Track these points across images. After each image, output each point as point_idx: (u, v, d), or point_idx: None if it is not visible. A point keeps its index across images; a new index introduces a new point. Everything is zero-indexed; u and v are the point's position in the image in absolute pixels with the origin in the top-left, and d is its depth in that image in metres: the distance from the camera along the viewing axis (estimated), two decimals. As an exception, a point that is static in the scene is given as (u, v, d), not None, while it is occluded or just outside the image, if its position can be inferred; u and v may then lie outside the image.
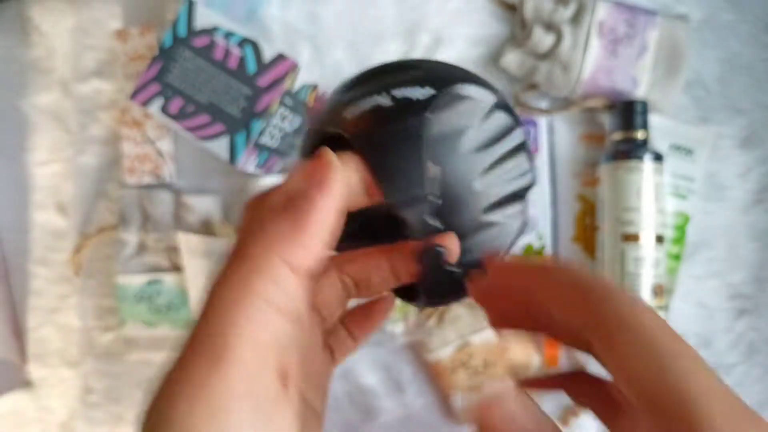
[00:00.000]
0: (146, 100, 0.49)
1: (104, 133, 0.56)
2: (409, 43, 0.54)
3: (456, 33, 0.54)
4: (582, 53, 0.49)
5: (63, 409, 0.58)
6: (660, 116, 0.51)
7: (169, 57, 0.48)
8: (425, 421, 0.52)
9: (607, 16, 0.49)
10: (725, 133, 0.53)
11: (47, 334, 0.58)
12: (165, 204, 0.53)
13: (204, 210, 0.53)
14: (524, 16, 0.51)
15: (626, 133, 0.49)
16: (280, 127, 0.50)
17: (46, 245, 0.58)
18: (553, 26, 0.50)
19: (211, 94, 0.48)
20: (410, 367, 0.53)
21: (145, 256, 0.54)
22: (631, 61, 0.49)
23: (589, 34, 0.49)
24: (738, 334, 0.52)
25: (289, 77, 0.47)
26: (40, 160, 0.58)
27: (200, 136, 0.48)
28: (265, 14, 0.55)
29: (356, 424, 0.53)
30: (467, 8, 0.54)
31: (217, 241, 0.51)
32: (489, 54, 0.54)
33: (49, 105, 0.58)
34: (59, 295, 0.58)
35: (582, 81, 0.50)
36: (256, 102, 0.47)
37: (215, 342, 0.18)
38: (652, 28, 0.49)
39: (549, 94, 0.52)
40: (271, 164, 0.53)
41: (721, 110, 0.53)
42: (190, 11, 0.48)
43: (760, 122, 0.53)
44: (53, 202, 0.58)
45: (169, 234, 0.53)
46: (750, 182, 0.53)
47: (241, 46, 0.48)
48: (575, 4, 0.50)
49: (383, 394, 0.53)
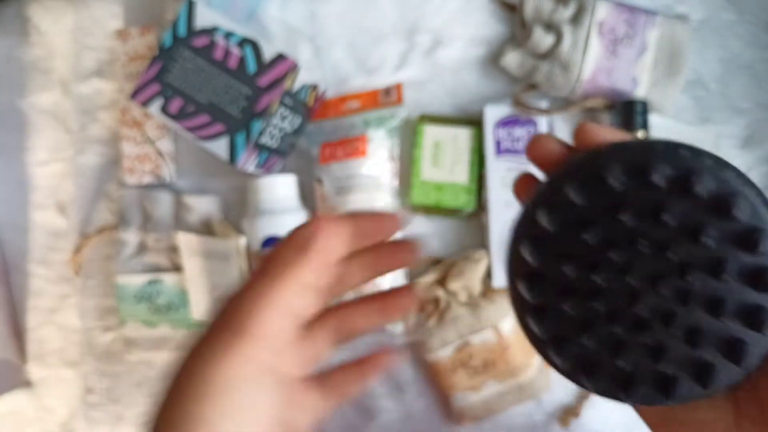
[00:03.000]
0: (146, 100, 0.49)
1: (104, 133, 0.56)
2: (409, 43, 0.54)
3: (456, 33, 0.54)
4: (582, 53, 0.49)
5: (63, 409, 0.58)
6: (660, 116, 0.51)
7: (169, 57, 0.48)
8: (425, 421, 0.52)
9: (607, 16, 0.49)
10: (725, 133, 0.53)
11: (47, 334, 0.58)
12: (165, 204, 0.53)
13: (204, 210, 0.53)
14: (524, 16, 0.51)
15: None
16: (280, 127, 0.50)
17: (46, 245, 0.58)
18: (553, 26, 0.50)
19: (211, 94, 0.48)
20: (410, 367, 0.53)
21: (145, 256, 0.54)
22: (631, 61, 0.49)
23: (589, 34, 0.49)
24: (738, 334, 0.52)
25: (289, 77, 0.47)
26: (40, 160, 0.58)
27: (200, 136, 0.48)
28: (265, 14, 0.55)
29: (356, 424, 0.53)
30: (467, 8, 0.54)
31: (217, 241, 0.51)
32: (489, 54, 0.54)
33: (49, 105, 0.58)
34: (59, 295, 0.58)
35: (582, 81, 0.50)
36: (256, 102, 0.47)
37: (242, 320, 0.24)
38: (652, 28, 0.49)
39: (549, 94, 0.52)
40: (271, 164, 0.53)
41: (721, 110, 0.53)
42: (190, 11, 0.48)
43: (760, 122, 0.53)
44: (53, 202, 0.58)
45: (169, 234, 0.53)
46: (750, 182, 0.53)
47: (241, 46, 0.48)
48: (575, 4, 0.50)
49: (383, 394, 0.53)
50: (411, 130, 0.54)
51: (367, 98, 0.53)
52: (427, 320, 0.51)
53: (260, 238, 0.50)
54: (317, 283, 0.25)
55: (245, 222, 0.51)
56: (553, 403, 0.51)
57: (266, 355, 0.24)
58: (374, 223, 0.29)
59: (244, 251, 0.51)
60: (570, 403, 0.51)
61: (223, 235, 0.52)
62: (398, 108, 0.52)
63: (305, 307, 0.25)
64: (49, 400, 0.58)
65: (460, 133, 0.52)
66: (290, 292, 0.24)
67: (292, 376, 0.26)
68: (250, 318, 0.24)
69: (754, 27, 0.53)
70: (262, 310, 0.24)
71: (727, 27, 0.53)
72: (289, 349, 0.26)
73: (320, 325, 0.28)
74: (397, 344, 0.53)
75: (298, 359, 0.27)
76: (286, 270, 0.25)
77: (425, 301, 0.52)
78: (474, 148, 0.52)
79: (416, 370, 0.53)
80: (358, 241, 0.28)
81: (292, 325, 0.25)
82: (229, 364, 0.23)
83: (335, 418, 0.53)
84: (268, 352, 0.24)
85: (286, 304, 0.24)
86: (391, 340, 0.52)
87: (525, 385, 0.50)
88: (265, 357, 0.24)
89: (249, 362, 0.23)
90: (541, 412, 0.51)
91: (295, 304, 0.25)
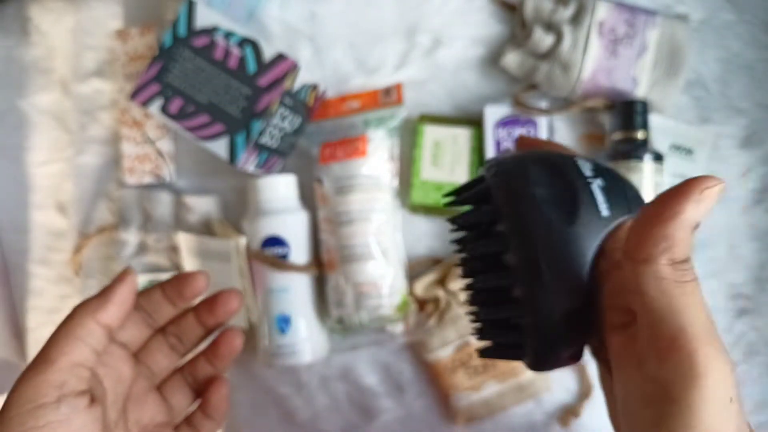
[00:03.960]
0: (146, 100, 0.49)
1: (104, 133, 0.56)
2: (409, 43, 0.54)
3: (456, 33, 0.54)
4: (582, 53, 0.49)
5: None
6: (660, 116, 0.51)
7: (169, 57, 0.48)
8: (425, 421, 0.52)
9: (607, 16, 0.49)
10: (725, 133, 0.53)
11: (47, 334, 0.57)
12: (165, 204, 0.53)
13: (204, 210, 0.53)
14: (524, 16, 0.51)
15: (626, 133, 0.49)
16: (280, 127, 0.50)
17: (46, 245, 0.58)
18: (553, 26, 0.50)
19: (211, 94, 0.48)
20: (410, 367, 0.53)
21: (145, 256, 0.54)
22: (631, 61, 0.49)
23: (589, 34, 0.49)
24: (738, 335, 0.52)
25: (289, 77, 0.47)
26: (40, 160, 0.58)
27: (200, 136, 0.48)
28: (265, 14, 0.55)
29: (356, 424, 0.53)
30: (467, 8, 0.54)
31: (217, 241, 0.51)
32: (489, 54, 0.54)
33: (49, 105, 0.58)
34: (59, 295, 0.58)
35: (582, 81, 0.50)
36: (256, 102, 0.47)
37: (42, 355, 0.29)
38: (652, 28, 0.49)
39: (549, 94, 0.52)
40: (271, 164, 0.53)
41: (721, 110, 0.53)
42: (190, 11, 0.48)
43: (760, 122, 0.53)
44: (53, 202, 0.58)
45: (169, 234, 0.53)
46: (750, 182, 0.53)
47: (241, 46, 0.48)
48: (575, 4, 0.50)
49: (383, 394, 0.53)
50: (411, 130, 0.54)
51: (367, 98, 0.53)
52: (427, 320, 0.51)
53: (260, 238, 0.50)
54: (112, 323, 0.30)
55: (245, 222, 0.51)
56: (553, 403, 0.51)
57: (70, 378, 0.28)
58: (182, 282, 0.33)
59: (244, 251, 0.51)
60: (570, 403, 0.51)
61: (223, 235, 0.52)
62: (398, 108, 0.52)
63: (99, 341, 0.30)
64: (49, 400, 0.58)
65: (460, 133, 0.52)
66: (84, 326, 0.29)
67: (146, 422, 0.32)
68: (50, 347, 0.29)
69: (754, 27, 0.53)
70: (60, 340, 0.29)
71: (727, 27, 0.53)
72: (143, 399, 0.32)
73: (173, 379, 0.34)
74: (397, 344, 0.53)
75: (153, 408, 0.33)
76: (88, 309, 0.30)
77: (425, 301, 0.52)
78: (474, 148, 0.52)
79: (416, 370, 0.53)
80: (174, 298, 0.33)
81: (88, 355, 0.29)
82: (34, 388, 0.27)
83: (335, 418, 0.53)
84: (73, 377, 0.28)
85: (81, 335, 0.29)
86: (391, 340, 0.52)
87: (525, 385, 0.50)
88: (69, 380, 0.28)
89: (50, 386, 0.27)
90: (541, 412, 0.51)
91: (87, 337, 0.29)
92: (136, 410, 0.32)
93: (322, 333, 0.52)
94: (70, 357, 0.28)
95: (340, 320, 0.50)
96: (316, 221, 0.52)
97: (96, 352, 0.30)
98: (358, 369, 0.53)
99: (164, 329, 0.35)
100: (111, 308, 0.30)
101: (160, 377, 0.34)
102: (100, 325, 0.30)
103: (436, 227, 0.53)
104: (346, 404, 0.53)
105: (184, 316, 0.35)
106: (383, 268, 0.49)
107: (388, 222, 0.50)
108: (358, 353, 0.53)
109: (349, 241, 0.49)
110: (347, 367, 0.53)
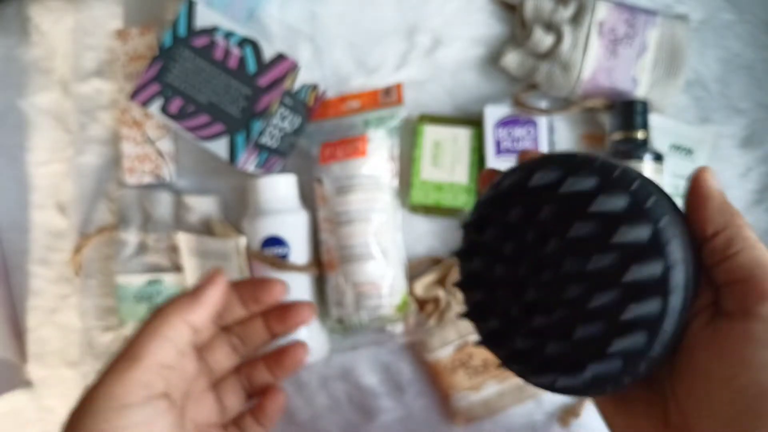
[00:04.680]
0: (146, 100, 0.49)
1: (104, 133, 0.56)
2: (409, 43, 0.54)
3: (456, 33, 0.54)
4: (582, 53, 0.49)
5: (63, 409, 0.58)
6: (660, 116, 0.51)
7: (169, 57, 0.48)
8: (425, 421, 0.52)
9: (607, 16, 0.49)
10: (725, 133, 0.53)
11: (47, 334, 0.58)
12: (165, 204, 0.53)
13: (204, 210, 0.53)
14: (524, 16, 0.51)
15: (626, 133, 0.49)
16: (280, 127, 0.50)
17: (46, 245, 0.58)
18: (553, 26, 0.50)
19: (211, 94, 0.48)
20: (410, 367, 0.53)
21: (145, 256, 0.54)
22: (631, 61, 0.49)
23: (589, 34, 0.49)
24: (738, 334, 0.52)
25: (289, 77, 0.47)
26: (40, 160, 0.58)
27: (200, 136, 0.48)
28: (265, 14, 0.55)
29: (356, 424, 0.53)
30: (467, 8, 0.54)
31: (217, 241, 0.51)
32: (489, 54, 0.54)
33: (49, 105, 0.58)
34: (59, 295, 0.58)
35: (582, 81, 0.50)
36: (256, 102, 0.47)
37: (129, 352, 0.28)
38: (652, 28, 0.49)
39: (549, 94, 0.52)
40: (271, 164, 0.53)
41: (721, 110, 0.53)
42: (190, 11, 0.48)
43: (760, 122, 0.53)
44: (53, 202, 0.58)
45: (169, 234, 0.53)
46: (750, 182, 0.53)
47: (241, 46, 0.48)
48: (575, 4, 0.50)
49: (383, 394, 0.53)
50: (411, 130, 0.54)
51: (367, 98, 0.53)
52: (427, 320, 0.51)
53: (260, 238, 0.50)
54: (200, 325, 0.30)
55: (245, 222, 0.51)
56: (553, 403, 0.51)
57: (156, 379, 0.28)
58: (261, 286, 0.33)
59: (244, 251, 0.51)
60: (570, 403, 0.51)
61: (223, 235, 0.52)
62: (398, 108, 0.52)
63: (186, 342, 0.30)
64: (49, 400, 0.58)
65: (460, 133, 0.52)
66: (174, 327, 0.29)
67: (200, 421, 0.31)
68: (138, 344, 0.28)
69: (754, 27, 0.53)
70: (148, 337, 0.28)
71: (727, 27, 0.53)
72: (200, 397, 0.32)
73: (229, 379, 0.34)
74: (397, 344, 0.53)
75: (208, 407, 0.32)
76: (178, 308, 0.29)
77: (425, 301, 0.52)
78: (474, 148, 0.52)
79: (416, 370, 0.53)
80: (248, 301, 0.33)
81: (174, 356, 0.29)
82: (122, 386, 0.27)
83: (335, 418, 0.53)
84: (158, 378, 0.28)
85: (169, 336, 0.29)
86: (391, 340, 0.52)
87: (525, 385, 0.50)
88: (155, 381, 0.28)
89: (138, 385, 0.27)
90: (541, 412, 0.51)
91: (176, 338, 0.29)
92: (194, 408, 0.31)
93: (322, 333, 0.52)
94: (157, 357, 0.28)
95: (340, 320, 0.50)
96: (316, 221, 0.52)
97: (181, 353, 0.29)
98: (358, 369, 0.53)
99: (228, 328, 0.34)
100: (200, 310, 0.30)
101: (217, 376, 0.34)
102: (188, 326, 0.29)
103: (436, 227, 0.53)
104: (346, 404, 0.53)
105: (252, 319, 0.34)
106: (383, 268, 0.49)
107: (388, 222, 0.50)
108: (358, 353, 0.53)
109: (349, 241, 0.49)
110: (347, 367, 0.53)
